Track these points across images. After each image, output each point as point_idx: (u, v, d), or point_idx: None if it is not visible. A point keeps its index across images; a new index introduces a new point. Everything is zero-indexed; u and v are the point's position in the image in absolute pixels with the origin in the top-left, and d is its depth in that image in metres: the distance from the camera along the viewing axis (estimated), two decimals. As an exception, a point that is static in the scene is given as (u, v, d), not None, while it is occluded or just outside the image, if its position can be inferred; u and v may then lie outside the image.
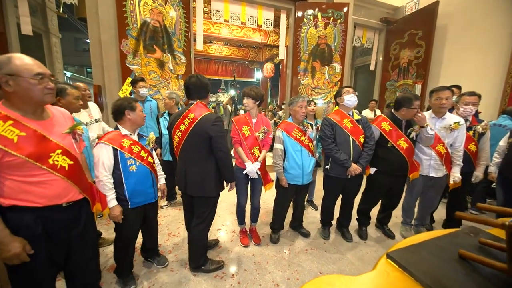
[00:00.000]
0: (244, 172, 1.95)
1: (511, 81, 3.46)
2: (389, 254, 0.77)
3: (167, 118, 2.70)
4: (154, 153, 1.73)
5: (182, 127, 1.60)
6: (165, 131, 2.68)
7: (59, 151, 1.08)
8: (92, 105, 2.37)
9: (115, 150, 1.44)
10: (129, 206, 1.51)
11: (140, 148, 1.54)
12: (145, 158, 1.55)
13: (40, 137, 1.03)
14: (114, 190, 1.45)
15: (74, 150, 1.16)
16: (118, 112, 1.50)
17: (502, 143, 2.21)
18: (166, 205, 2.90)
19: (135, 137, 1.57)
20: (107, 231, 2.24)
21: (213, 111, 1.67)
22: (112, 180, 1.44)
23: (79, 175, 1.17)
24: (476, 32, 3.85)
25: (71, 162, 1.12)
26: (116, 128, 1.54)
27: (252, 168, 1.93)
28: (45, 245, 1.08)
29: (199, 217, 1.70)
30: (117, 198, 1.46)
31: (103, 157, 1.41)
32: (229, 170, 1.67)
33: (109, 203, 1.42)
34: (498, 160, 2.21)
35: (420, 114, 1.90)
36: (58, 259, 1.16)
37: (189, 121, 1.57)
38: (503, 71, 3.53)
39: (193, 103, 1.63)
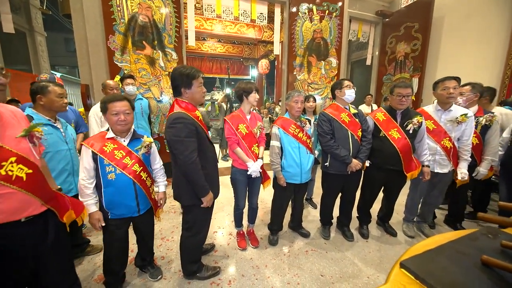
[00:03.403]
0: (249, 172, 1.83)
1: (510, 72, 3.41)
2: (402, 263, 0.67)
3: None
4: (156, 156, 1.58)
5: None
6: None
7: (13, 159, 0.91)
8: None
9: (94, 154, 1.31)
10: (109, 217, 1.39)
11: (124, 154, 1.37)
12: (128, 165, 1.37)
13: None
14: (95, 195, 1.35)
15: (32, 157, 0.99)
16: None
17: (506, 134, 2.13)
18: None
19: (124, 139, 1.41)
20: (96, 237, 2.12)
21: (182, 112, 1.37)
22: (92, 185, 1.34)
23: (40, 185, 1.02)
24: (474, 24, 3.79)
25: (30, 171, 0.96)
26: (108, 129, 1.41)
27: (256, 167, 1.83)
28: (3, 267, 0.94)
29: (184, 223, 1.59)
30: (99, 205, 1.36)
31: (84, 160, 1.31)
32: (192, 182, 1.38)
33: (88, 208, 1.32)
34: (501, 152, 2.14)
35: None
36: (23, 279, 1.03)
37: None
38: (501, 63, 3.48)
39: None
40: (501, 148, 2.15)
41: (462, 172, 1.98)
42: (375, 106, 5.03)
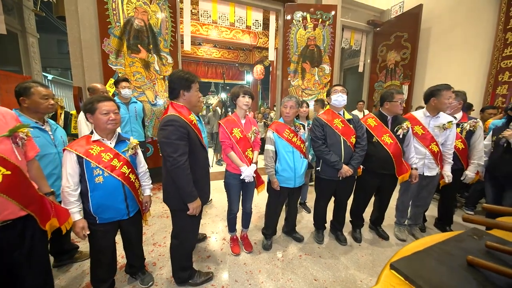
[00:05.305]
0: (242, 177, 1.82)
1: (493, 81, 3.57)
2: (392, 264, 0.69)
3: None
4: (141, 159, 1.56)
5: None
6: None
7: None
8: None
9: (80, 157, 1.26)
10: (97, 221, 1.35)
11: (112, 156, 1.34)
12: (117, 167, 1.34)
13: None
14: (79, 203, 1.30)
15: (14, 157, 0.97)
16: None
17: (487, 142, 2.23)
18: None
19: (110, 142, 1.38)
20: (85, 243, 2.06)
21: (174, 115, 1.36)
22: (76, 192, 1.28)
23: (20, 188, 0.98)
24: (458, 34, 3.97)
25: (8, 173, 0.93)
26: (92, 132, 1.38)
27: (249, 172, 1.82)
28: None
29: (172, 230, 1.57)
30: (84, 212, 1.31)
31: (67, 165, 1.26)
32: (179, 187, 1.35)
33: (72, 216, 1.27)
34: (485, 159, 2.22)
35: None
36: None
37: None
38: (484, 72, 3.65)
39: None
40: (485, 155, 2.24)
41: (448, 175, 2.07)
42: (367, 112, 5.16)
